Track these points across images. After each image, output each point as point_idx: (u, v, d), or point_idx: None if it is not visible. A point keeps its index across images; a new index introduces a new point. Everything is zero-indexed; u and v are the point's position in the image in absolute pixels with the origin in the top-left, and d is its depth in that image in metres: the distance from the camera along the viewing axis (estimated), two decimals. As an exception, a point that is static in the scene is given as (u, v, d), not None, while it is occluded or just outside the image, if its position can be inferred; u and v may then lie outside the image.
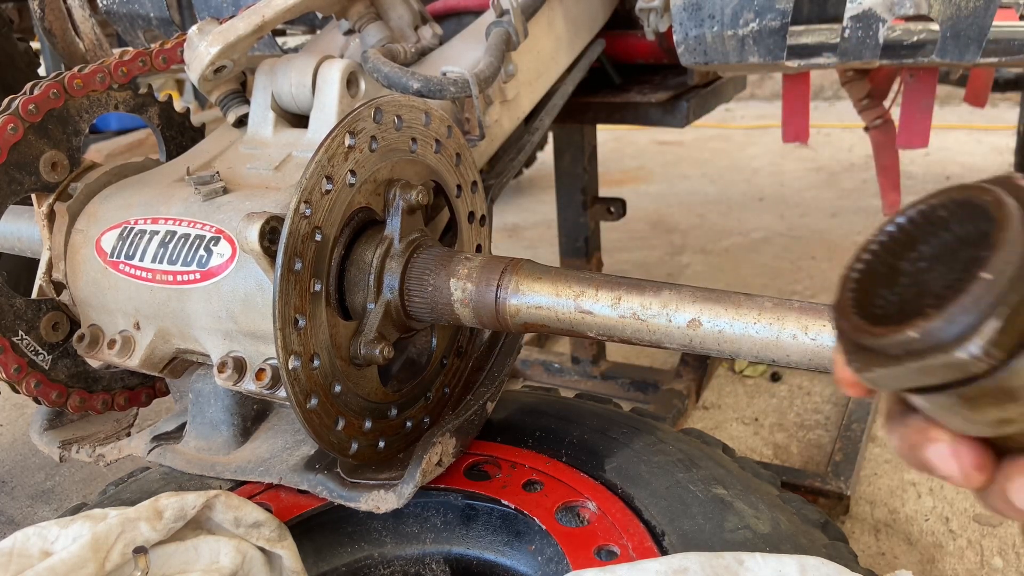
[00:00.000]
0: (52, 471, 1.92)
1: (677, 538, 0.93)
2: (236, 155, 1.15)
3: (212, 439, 1.11)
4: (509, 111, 1.32)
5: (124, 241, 1.05)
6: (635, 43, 1.70)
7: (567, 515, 1.00)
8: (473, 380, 1.17)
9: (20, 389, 1.08)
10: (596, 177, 2.08)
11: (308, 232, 0.89)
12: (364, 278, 0.97)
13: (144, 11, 1.69)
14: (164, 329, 1.05)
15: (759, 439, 1.91)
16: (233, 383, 0.98)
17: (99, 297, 1.08)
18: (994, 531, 1.53)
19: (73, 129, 1.12)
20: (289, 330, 0.87)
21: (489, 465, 1.09)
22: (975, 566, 1.45)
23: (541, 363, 2.25)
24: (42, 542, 0.90)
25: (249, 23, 1.09)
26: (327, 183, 0.90)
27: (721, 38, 1.28)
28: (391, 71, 1.12)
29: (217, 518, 0.94)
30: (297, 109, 1.15)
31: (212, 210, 1.01)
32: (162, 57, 1.21)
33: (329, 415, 0.94)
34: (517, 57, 1.29)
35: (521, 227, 3.79)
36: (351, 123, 0.92)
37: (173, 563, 0.91)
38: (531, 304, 0.93)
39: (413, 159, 1.02)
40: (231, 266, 0.97)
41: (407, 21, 1.28)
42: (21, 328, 1.07)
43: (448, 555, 1.07)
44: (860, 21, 1.20)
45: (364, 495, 0.99)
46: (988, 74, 2.18)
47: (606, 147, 4.95)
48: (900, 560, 1.47)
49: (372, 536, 1.08)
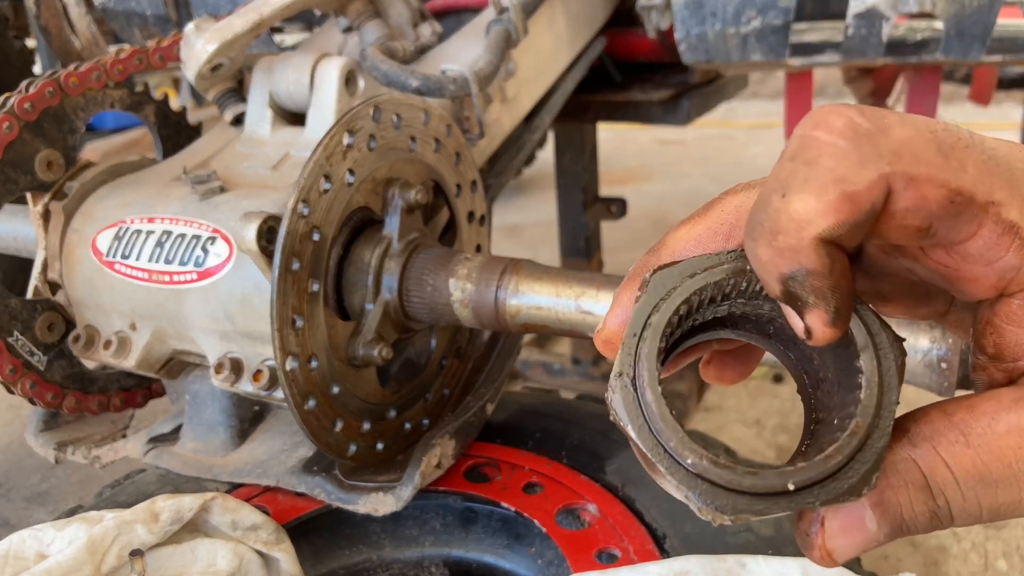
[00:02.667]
0: (48, 473, 1.91)
1: (679, 541, 0.93)
2: (233, 154, 1.14)
3: (209, 441, 1.10)
4: (509, 109, 1.31)
5: (120, 241, 1.04)
6: (636, 41, 1.69)
7: (568, 517, 0.99)
8: (472, 381, 1.16)
9: (15, 390, 1.07)
10: (597, 176, 2.07)
11: (306, 232, 0.88)
12: (362, 278, 0.96)
13: (141, 9, 1.68)
14: (160, 330, 1.04)
15: (761, 441, 1.90)
16: (230, 384, 0.97)
17: (95, 297, 1.07)
18: (999, 534, 1.52)
19: (69, 127, 1.11)
20: (287, 331, 0.86)
21: (489, 467, 1.08)
22: (979, 569, 1.44)
23: (541, 364, 2.24)
24: (38, 545, 0.89)
25: (246, 21, 1.08)
26: (325, 182, 0.89)
27: (723, 36, 1.27)
28: (390, 69, 1.11)
29: (214, 521, 0.93)
30: (295, 107, 1.14)
31: (209, 209, 1.00)
32: (159, 55, 1.20)
33: (327, 416, 0.93)
34: (517, 55, 1.28)
35: (521, 227, 3.78)
36: (349, 122, 0.91)
37: (170, 566, 0.90)
38: (531, 304, 0.92)
39: (412, 158, 1.01)
40: (228, 266, 0.96)
41: (406, 18, 1.27)
42: (16, 329, 1.06)
43: (447, 558, 1.06)
44: (864, 19, 1.19)
45: (362, 497, 0.98)
46: (992, 72, 2.17)
47: (607, 146, 4.94)
48: (904, 563, 1.46)
49: (370, 539, 1.07)
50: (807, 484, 0.35)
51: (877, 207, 0.34)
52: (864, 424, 0.35)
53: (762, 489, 0.35)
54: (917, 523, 0.37)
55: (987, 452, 0.35)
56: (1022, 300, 0.37)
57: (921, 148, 0.34)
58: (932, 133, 0.34)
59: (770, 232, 0.34)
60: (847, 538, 0.37)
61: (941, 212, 0.34)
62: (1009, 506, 0.36)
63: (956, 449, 0.35)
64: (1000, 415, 0.35)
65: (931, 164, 0.33)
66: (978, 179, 0.34)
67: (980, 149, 0.35)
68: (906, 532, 0.37)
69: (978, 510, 0.36)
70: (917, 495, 0.36)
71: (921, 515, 0.36)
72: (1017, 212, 0.34)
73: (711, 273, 0.39)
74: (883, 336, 0.37)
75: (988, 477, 0.35)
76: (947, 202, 0.34)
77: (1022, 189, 0.35)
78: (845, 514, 0.37)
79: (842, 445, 0.35)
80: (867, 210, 0.33)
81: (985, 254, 0.35)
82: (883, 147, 0.33)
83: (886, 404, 0.36)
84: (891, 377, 0.36)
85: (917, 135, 0.34)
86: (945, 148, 0.34)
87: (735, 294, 0.39)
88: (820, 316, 0.36)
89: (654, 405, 0.36)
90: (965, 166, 0.34)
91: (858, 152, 0.33)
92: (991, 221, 0.34)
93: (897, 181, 0.33)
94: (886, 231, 0.35)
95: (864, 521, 0.36)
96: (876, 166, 0.33)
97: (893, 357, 0.37)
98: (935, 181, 0.33)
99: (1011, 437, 0.35)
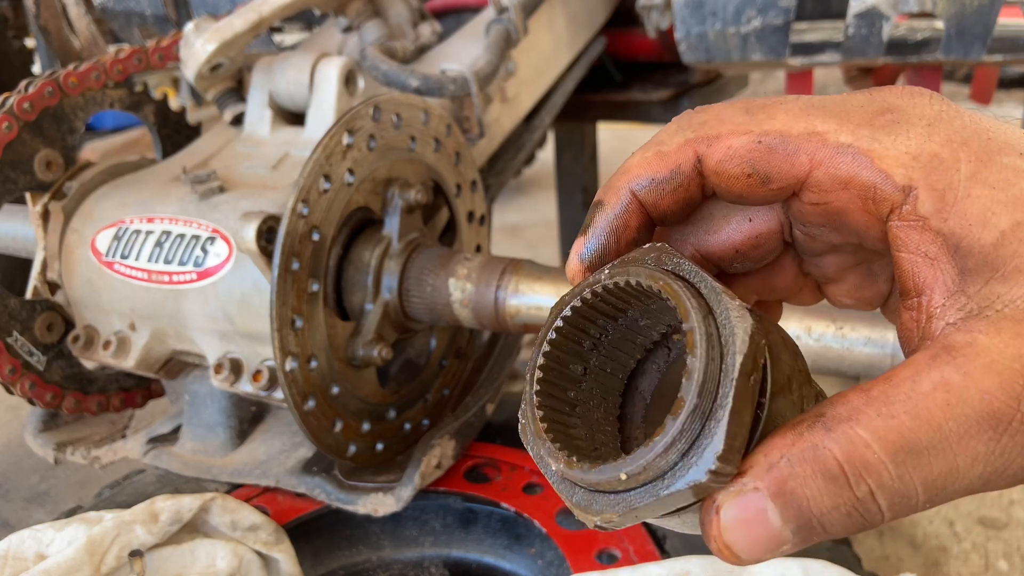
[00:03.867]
0: (47, 473, 1.90)
1: (678, 541, 0.93)
2: (233, 154, 1.14)
3: (208, 441, 1.09)
4: (509, 109, 1.31)
5: (119, 241, 1.04)
6: (636, 41, 1.69)
7: (568, 518, 0.99)
8: (472, 381, 1.16)
9: (14, 390, 1.07)
10: (597, 176, 2.07)
11: (305, 232, 0.87)
12: (362, 278, 0.96)
13: (140, 8, 1.68)
14: (160, 330, 1.04)
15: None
16: (229, 384, 0.97)
17: (94, 297, 1.07)
18: (999, 534, 1.52)
19: (68, 127, 1.11)
20: (286, 331, 0.86)
21: (489, 467, 1.08)
22: (980, 569, 1.44)
23: (541, 363, 2.24)
24: (37, 545, 0.89)
25: (246, 20, 1.08)
26: (325, 182, 0.89)
27: (723, 36, 1.26)
28: (389, 69, 1.11)
29: (213, 521, 0.93)
30: (294, 107, 1.14)
31: (208, 209, 1.00)
32: (158, 55, 1.20)
33: (327, 417, 0.93)
34: (517, 55, 1.28)
35: (521, 227, 3.78)
36: (349, 121, 0.91)
37: (169, 566, 0.90)
38: (531, 304, 0.92)
39: (412, 158, 1.01)
40: (228, 266, 0.96)
41: (406, 18, 1.27)
42: (15, 329, 1.06)
43: (447, 558, 1.06)
44: (864, 18, 1.19)
45: (362, 498, 0.98)
46: (993, 72, 2.17)
47: (607, 146, 4.94)
48: (904, 563, 1.46)
49: (370, 539, 1.07)
50: (637, 472, 0.33)
51: (684, 168, 0.40)
52: (688, 399, 0.32)
53: (605, 484, 0.34)
54: (832, 520, 0.33)
55: (912, 418, 0.32)
56: (898, 221, 0.36)
57: (727, 114, 0.40)
58: (746, 104, 0.40)
59: (611, 175, 0.42)
60: (746, 532, 0.33)
61: (754, 155, 0.38)
62: (946, 478, 0.32)
63: (877, 423, 0.32)
64: (921, 376, 0.32)
65: (733, 122, 0.39)
66: (791, 121, 0.38)
67: (804, 101, 0.39)
68: (821, 531, 0.34)
69: (913, 490, 0.32)
70: (828, 486, 0.32)
71: (836, 510, 0.32)
72: (849, 135, 0.37)
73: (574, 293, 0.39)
74: (721, 304, 0.35)
75: (917, 446, 0.31)
76: (754, 144, 0.38)
77: (855, 118, 0.37)
78: (742, 503, 0.33)
79: (667, 427, 0.32)
80: (672, 168, 0.40)
81: (834, 179, 0.37)
82: (695, 120, 0.40)
83: (727, 369, 0.33)
84: (733, 343, 0.33)
85: (727, 107, 0.40)
86: (753, 109, 0.39)
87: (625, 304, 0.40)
88: (578, 244, 0.41)
89: (531, 421, 0.38)
90: (774, 115, 0.39)
91: (676, 125, 0.41)
92: (820, 148, 0.37)
93: (700, 144, 0.39)
94: (722, 186, 0.40)
95: (765, 513, 0.33)
96: (684, 134, 0.40)
97: (738, 323, 0.34)
98: (738, 132, 0.39)
99: (937, 395, 0.32)
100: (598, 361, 0.42)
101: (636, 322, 0.41)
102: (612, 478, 0.33)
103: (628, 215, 0.41)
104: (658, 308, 0.40)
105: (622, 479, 0.33)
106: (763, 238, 0.43)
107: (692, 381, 0.33)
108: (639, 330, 0.42)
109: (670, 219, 0.42)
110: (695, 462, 0.33)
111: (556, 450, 0.36)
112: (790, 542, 0.34)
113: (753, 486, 0.33)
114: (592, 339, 0.41)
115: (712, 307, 0.35)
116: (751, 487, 0.33)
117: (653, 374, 0.43)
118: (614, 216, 0.41)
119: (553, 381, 0.39)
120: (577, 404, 0.41)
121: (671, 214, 0.42)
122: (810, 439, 0.33)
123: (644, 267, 0.38)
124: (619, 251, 0.41)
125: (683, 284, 0.36)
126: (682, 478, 0.33)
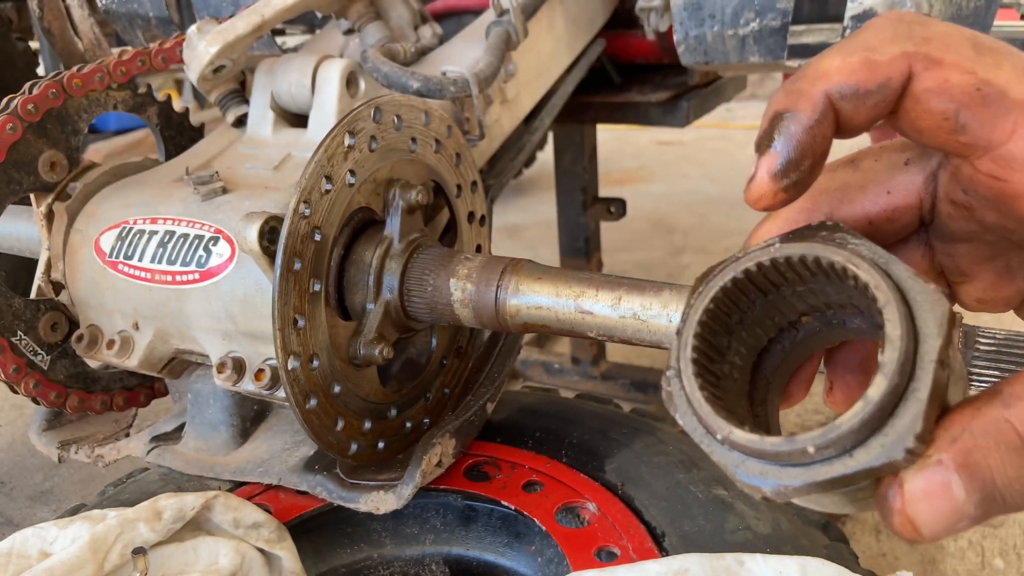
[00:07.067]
0: (51, 472, 1.91)
1: (677, 539, 0.93)
2: (235, 155, 1.14)
3: (211, 440, 1.10)
4: (509, 111, 1.32)
5: (123, 241, 1.05)
6: (635, 43, 1.70)
7: (567, 516, 1.00)
8: (473, 381, 1.16)
9: (19, 389, 1.08)
10: (596, 177, 2.08)
11: (307, 232, 0.88)
12: (364, 278, 0.97)
13: (143, 10, 1.69)
14: (163, 329, 1.05)
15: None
16: (232, 383, 0.98)
17: (98, 297, 1.07)
18: (995, 532, 1.52)
19: (72, 129, 1.12)
20: (288, 330, 0.87)
21: (489, 466, 1.09)
22: (976, 567, 1.45)
23: (541, 363, 2.24)
24: (41, 543, 0.90)
25: (248, 22, 1.09)
26: (326, 183, 0.90)
27: (722, 38, 1.27)
28: (391, 71, 1.12)
29: (216, 519, 0.94)
30: (296, 109, 1.15)
31: (211, 210, 1.01)
32: (161, 56, 1.20)
33: (328, 416, 0.94)
34: (517, 57, 1.29)
35: (521, 227, 3.78)
36: (350, 123, 0.92)
37: (172, 564, 0.91)
38: (531, 304, 0.92)
39: (413, 159, 1.02)
40: (230, 266, 0.97)
41: (407, 20, 1.28)
42: (20, 328, 1.07)
43: (448, 556, 1.06)
44: (861, 21, 1.20)
45: (363, 496, 0.98)
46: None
47: (606, 147, 4.95)
48: (901, 561, 1.47)
49: (371, 537, 1.07)
50: (825, 445, 0.33)
51: (893, 84, 0.35)
52: (886, 382, 0.33)
53: (788, 455, 0.34)
54: (1014, 491, 0.33)
55: None
56: None
57: (955, 40, 0.35)
58: (973, 36, 0.35)
59: (793, 79, 0.35)
60: (931, 505, 0.33)
61: (966, 99, 0.34)
62: None
63: None
64: None
65: (960, 53, 0.34)
66: (1015, 78, 0.34)
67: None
68: (1001, 504, 0.34)
69: None
70: (1011, 457, 0.32)
71: (1019, 480, 0.33)
72: None
73: (740, 263, 0.38)
74: (915, 287, 0.35)
75: None
76: (973, 89, 0.34)
77: None
78: (927, 476, 0.33)
79: (857, 409, 0.33)
80: (881, 82, 0.34)
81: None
82: (917, 33, 0.35)
83: (926, 352, 0.33)
84: (930, 327, 0.33)
85: (955, 31, 0.35)
86: (982, 48, 0.34)
87: (783, 280, 0.38)
88: (769, 162, 0.35)
89: (689, 390, 0.37)
90: (1000, 64, 0.34)
91: (893, 31, 0.35)
92: None
93: (919, 62, 0.34)
94: (912, 116, 0.35)
95: (950, 487, 0.33)
96: (903, 45, 0.34)
97: (929, 307, 0.34)
98: (961, 67, 0.34)
99: None
100: (739, 337, 0.41)
101: (783, 300, 0.40)
102: (799, 449, 0.34)
103: (825, 126, 0.36)
104: (817, 287, 0.39)
105: (809, 452, 0.33)
106: (899, 211, 0.41)
107: (893, 361, 0.33)
108: (781, 308, 0.41)
109: (848, 136, 0.38)
110: (888, 440, 0.33)
111: (721, 417, 0.36)
112: (971, 516, 0.34)
113: (937, 459, 0.33)
114: (740, 313, 0.41)
115: (903, 288, 0.35)
116: (935, 460, 0.33)
117: (777, 355, 0.43)
118: (810, 125, 0.35)
119: (704, 351, 0.39)
120: (721, 377, 0.41)
121: (852, 134, 0.37)
122: (989, 413, 0.33)
123: (826, 243, 0.36)
124: (812, 170, 0.36)
125: (871, 264, 0.35)
126: (875, 455, 0.33)
